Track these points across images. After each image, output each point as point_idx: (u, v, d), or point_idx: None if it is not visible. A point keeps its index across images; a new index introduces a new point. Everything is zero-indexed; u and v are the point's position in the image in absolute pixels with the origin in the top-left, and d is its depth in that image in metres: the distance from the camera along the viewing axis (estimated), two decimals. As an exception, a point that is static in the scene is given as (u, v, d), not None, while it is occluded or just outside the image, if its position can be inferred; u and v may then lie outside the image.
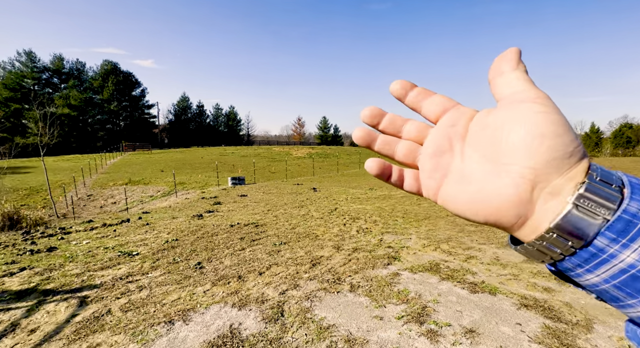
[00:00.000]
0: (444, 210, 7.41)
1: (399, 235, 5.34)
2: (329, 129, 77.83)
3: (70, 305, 2.90)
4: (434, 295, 3.07)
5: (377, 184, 14.60)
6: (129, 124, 56.09)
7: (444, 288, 3.24)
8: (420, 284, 3.35)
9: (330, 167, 29.11)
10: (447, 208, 0.28)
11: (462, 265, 3.89)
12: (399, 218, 6.75)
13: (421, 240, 4.99)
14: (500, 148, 0.25)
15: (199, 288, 3.30)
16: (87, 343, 2.31)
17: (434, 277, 3.54)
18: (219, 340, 2.36)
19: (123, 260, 4.19)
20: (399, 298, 3.02)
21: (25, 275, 3.64)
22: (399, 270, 3.76)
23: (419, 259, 4.14)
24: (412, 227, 5.93)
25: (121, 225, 6.75)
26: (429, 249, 4.55)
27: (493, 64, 0.28)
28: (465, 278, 3.47)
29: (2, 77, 46.51)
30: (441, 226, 5.90)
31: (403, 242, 4.95)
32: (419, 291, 3.18)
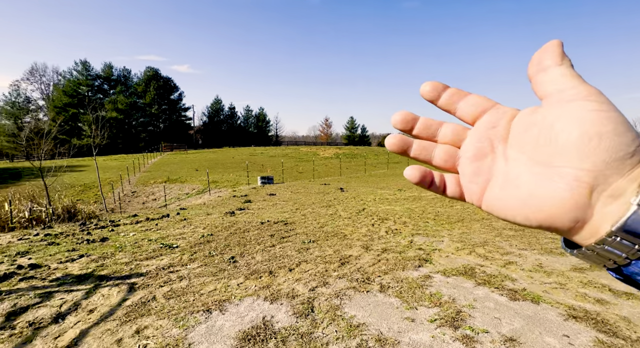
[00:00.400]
0: (478, 212, 7.04)
1: (430, 237, 5.17)
2: (356, 129, 77.18)
3: (121, 290, 3.19)
4: (469, 300, 2.94)
5: (407, 185, 14.22)
6: (168, 125, 59.95)
7: (480, 293, 3.09)
8: (454, 288, 3.22)
9: (357, 168, 28.88)
10: (492, 214, 0.27)
11: (499, 270, 3.68)
12: (430, 220, 6.53)
13: (454, 243, 4.79)
14: (550, 149, 0.23)
15: (233, 281, 3.46)
16: (137, 325, 2.53)
17: (469, 281, 3.39)
18: (253, 330, 2.46)
19: (164, 252, 4.51)
20: (431, 301, 2.93)
21: (83, 262, 4.06)
22: (431, 272, 3.65)
23: (452, 263, 3.98)
24: (444, 229, 5.71)
25: (162, 220, 7.25)
26: (462, 253, 4.36)
27: (533, 59, 0.26)
28: (504, 284, 3.28)
29: (62, 85, 52.03)
30: (476, 229, 5.62)
31: (435, 244, 4.79)
32: (452, 295, 3.06)
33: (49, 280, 3.42)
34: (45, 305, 2.87)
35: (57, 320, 2.61)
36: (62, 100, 49.98)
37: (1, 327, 2.49)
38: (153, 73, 58.63)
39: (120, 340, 2.34)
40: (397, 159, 36.38)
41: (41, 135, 16.87)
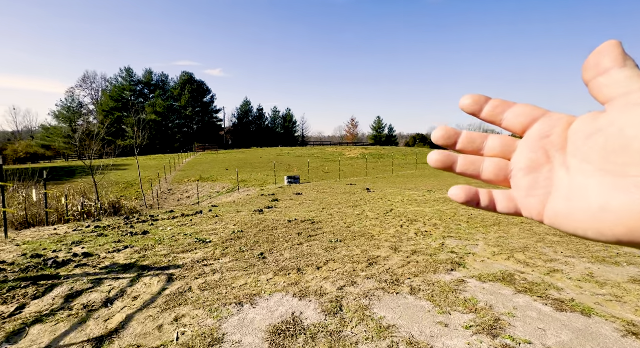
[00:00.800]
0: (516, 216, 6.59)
1: (463, 241, 4.93)
2: (383, 129, 75.77)
3: (160, 280, 3.41)
4: (509, 308, 2.76)
5: (437, 186, 13.71)
6: (200, 127, 63.06)
7: (521, 302, 2.89)
8: (491, 295, 3.04)
9: (384, 168, 28.34)
10: (558, 228, 0.25)
11: (543, 278, 3.41)
12: (463, 222, 6.23)
13: (490, 248, 4.53)
14: (623, 158, 0.21)
15: (262, 276, 3.55)
16: (175, 314, 2.69)
17: (508, 288, 3.18)
18: (283, 325, 2.50)
19: (199, 246, 4.74)
20: (466, 307, 2.80)
21: (128, 253, 4.39)
22: (465, 277, 3.48)
23: (489, 268, 3.76)
24: (479, 232, 5.42)
25: (196, 216, 7.63)
26: (500, 258, 4.10)
27: (589, 61, 0.24)
28: (549, 293, 3.04)
29: (109, 91, 56.76)
30: (515, 233, 5.26)
31: (469, 248, 4.56)
32: (489, 302, 2.89)
33: (99, 268, 3.74)
34: (97, 290, 3.15)
35: (107, 305, 2.85)
36: (109, 105, 54.53)
37: (61, 308, 2.77)
38: (188, 77, 62.00)
39: (161, 326, 2.50)
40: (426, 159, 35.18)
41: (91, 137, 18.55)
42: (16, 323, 2.51)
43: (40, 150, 48.25)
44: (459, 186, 0.30)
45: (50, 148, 49.71)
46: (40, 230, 6.45)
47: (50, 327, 2.47)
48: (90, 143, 17.75)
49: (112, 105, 54.51)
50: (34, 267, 3.66)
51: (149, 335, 2.38)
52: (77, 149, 18.71)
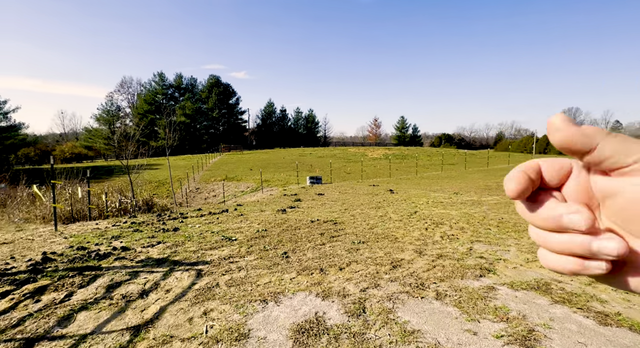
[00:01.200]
0: (554, 221, 6.17)
1: (493, 246, 4.71)
2: (407, 129, 74.03)
3: (190, 275, 3.58)
4: (544, 319, 2.60)
5: (464, 188, 13.17)
6: (226, 128, 65.24)
7: (558, 313, 2.71)
8: (524, 304, 2.88)
9: (408, 169, 27.69)
10: None
11: (584, 289, 3.17)
12: (493, 227, 5.94)
13: (523, 254, 4.28)
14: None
15: (286, 275, 3.61)
16: (204, 307, 2.82)
17: (543, 298, 2.99)
18: (306, 324, 2.54)
19: (225, 244, 4.92)
20: (496, 315, 2.67)
21: (160, 248, 4.66)
22: (495, 284, 3.32)
23: (521, 275, 3.56)
24: (511, 238, 5.14)
25: (222, 215, 7.92)
26: (534, 265, 3.87)
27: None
28: (590, 305, 2.82)
29: (144, 95, 60.36)
30: (551, 240, 4.93)
31: (499, 253, 4.34)
32: (522, 311, 2.74)
33: (136, 261, 4.00)
34: (133, 282, 3.37)
35: (143, 296, 3.04)
36: (143, 108, 57.98)
37: (103, 297, 3.00)
38: (215, 80, 64.40)
39: (191, 319, 2.63)
40: (452, 160, 33.90)
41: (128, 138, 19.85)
42: (65, 309, 2.75)
43: (84, 151, 52.35)
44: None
45: (92, 148, 53.81)
46: (84, 224, 7.00)
47: (94, 314, 2.69)
48: (126, 144, 19.00)
49: (146, 108, 57.92)
50: (80, 259, 3.99)
51: (180, 326, 2.52)
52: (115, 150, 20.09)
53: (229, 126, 65.75)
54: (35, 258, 4.01)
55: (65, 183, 13.72)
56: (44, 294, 3.03)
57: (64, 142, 62.45)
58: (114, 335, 2.37)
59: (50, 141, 68.27)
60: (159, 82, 61.53)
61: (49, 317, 2.61)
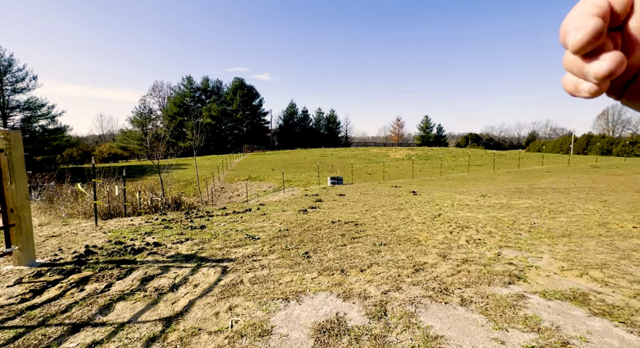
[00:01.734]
0: (594, 227, 5.75)
1: (523, 252, 4.47)
2: (431, 129, 71.89)
3: (216, 271, 3.74)
4: (581, 332, 2.44)
5: (491, 191, 12.58)
6: (249, 129, 66.93)
7: (597, 326, 2.53)
8: (558, 314, 2.72)
9: (432, 170, 26.90)
10: None
11: (627, 302, 2.94)
12: (524, 232, 5.63)
13: (558, 262, 4.03)
14: None
15: (307, 275, 3.67)
16: (229, 303, 2.93)
17: (580, 309, 2.81)
18: (327, 324, 2.57)
19: (248, 242, 5.07)
20: (526, 325, 2.55)
21: (189, 244, 4.90)
22: (526, 292, 3.16)
23: (555, 284, 3.36)
24: (544, 244, 4.86)
25: (245, 214, 8.16)
26: (570, 274, 3.63)
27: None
28: (635, 320, 2.61)
29: (173, 98, 63.45)
30: (590, 247, 4.60)
31: (530, 260, 4.12)
32: (555, 322, 2.59)
33: (166, 257, 4.24)
34: (165, 276, 3.58)
35: (173, 290, 3.23)
36: (173, 110, 60.95)
37: (138, 289, 3.21)
38: (239, 83, 66.32)
39: (217, 314, 2.75)
40: (480, 161, 32.44)
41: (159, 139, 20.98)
42: (105, 298, 2.99)
43: (119, 151, 56.01)
44: None
45: (127, 149, 57.44)
46: (120, 220, 7.51)
47: (131, 304, 2.89)
48: (157, 145, 20.10)
49: (175, 110, 60.86)
50: (117, 252, 4.30)
51: (207, 320, 2.65)
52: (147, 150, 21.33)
53: (252, 127, 67.40)
54: (79, 251, 4.38)
55: (104, 181, 14.77)
56: (87, 284, 3.30)
57: (102, 143, 67.18)
58: (148, 325, 2.54)
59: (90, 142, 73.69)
60: (187, 85, 64.42)
61: (92, 305, 2.84)
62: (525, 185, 14.46)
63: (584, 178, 15.87)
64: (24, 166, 3.75)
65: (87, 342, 2.32)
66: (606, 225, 5.89)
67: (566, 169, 23.25)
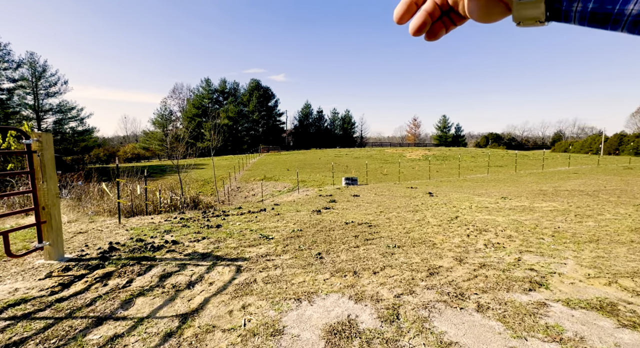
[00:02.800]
0: (625, 233, 5.41)
1: (546, 257, 4.28)
2: (449, 129, 70.07)
3: (231, 270, 3.82)
4: (608, 344, 2.31)
5: (513, 193, 12.10)
6: (265, 130, 67.85)
7: (627, 338, 2.38)
8: (583, 324, 2.58)
9: (449, 171, 26.21)
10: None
11: (660, 313, 2.74)
12: (547, 236, 5.38)
13: (584, 269, 3.83)
14: None
15: (319, 276, 3.68)
16: (243, 302, 2.99)
17: (608, 319, 2.65)
18: (339, 326, 2.57)
19: (262, 242, 5.14)
20: (547, 334, 2.44)
21: (205, 243, 5.04)
22: (547, 299, 3.02)
23: (580, 292, 3.19)
24: (569, 249, 4.62)
25: (260, 213, 8.28)
26: (597, 282, 3.44)
27: None
28: (667, 333, 2.43)
29: (192, 99, 65.38)
30: (620, 254, 4.33)
31: (553, 266, 3.93)
32: (580, 332, 2.46)
33: (184, 255, 4.38)
34: (182, 273, 3.70)
35: (189, 287, 3.33)
36: (192, 112, 62.80)
37: (157, 285, 3.34)
38: (255, 84, 67.40)
39: (231, 312, 2.81)
40: (501, 162, 31.27)
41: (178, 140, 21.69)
42: (126, 293, 3.13)
43: (142, 151, 58.35)
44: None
45: (149, 149, 59.74)
46: (142, 218, 7.82)
47: (150, 300, 3.01)
48: (177, 145, 20.77)
49: (194, 112, 62.68)
50: (138, 249, 4.48)
51: (221, 318, 2.71)
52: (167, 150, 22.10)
53: (268, 128, 68.29)
54: (104, 247, 4.60)
55: (127, 180, 15.43)
56: (110, 279, 3.47)
57: (126, 143, 70.24)
58: (166, 321, 2.63)
59: (115, 143, 77.22)
60: (205, 87, 66.19)
61: (114, 299, 2.98)
62: (549, 187, 13.81)
63: (615, 181, 14.94)
64: (54, 166, 3.99)
65: (109, 335, 2.44)
66: (639, 231, 5.52)
67: (595, 170, 21.99)
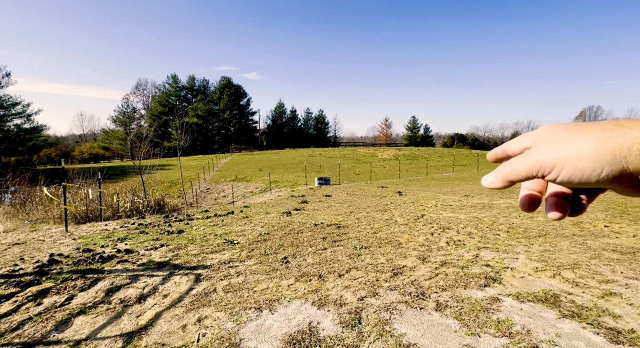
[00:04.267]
0: (568, 227, 5.90)
1: (501, 253, 4.53)
2: (419, 129, 72.97)
3: (189, 280, 3.59)
4: (550, 335, 2.46)
5: (475, 190, 12.82)
6: (237, 129, 66.03)
7: (566, 328, 2.56)
8: (530, 317, 2.74)
9: (418, 170, 27.25)
10: None
11: (595, 302, 2.99)
12: (502, 232, 5.72)
13: (533, 262, 4.09)
14: None
15: (284, 281, 3.57)
16: (199, 314, 2.81)
17: (551, 311, 2.84)
18: (299, 334, 2.49)
19: (226, 247, 4.93)
20: (498, 329, 2.54)
21: (163, 251, 4.71)
22: (500, 294, 3.18)
23: (529, 285, 3.40)
24: (520, 244, 4.94)
25: (227, 217, 7.97)
26: (544, 275, 3.69)
27: None
28: (602, 321, 2.65)
29: (158, 96, 61.87)
30: (563, 247, 4.70)
31: (507, 261, 4.17)
32: (527, 325, 2.60)
33: (137, 265, 4.05)
34: (133, 286, 3.41)
35: (140, 301, 3.07)
36: (157, 109, 59.42)
37: (102, 301, 3.04)
38: (226, 82, 65.29)
39: (185, 326, 2.62)
40: (465, 161, 33.14)
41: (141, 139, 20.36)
42: (64, 312, 2.80)
43: (101, 151, 54.16)
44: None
45: (109, 149, 55.60)
46: (95, 225, 7.20)
47: (91, 319, 2.72)
48: (140, 144, 19.49)
49: (160, 109, 59.33)
50: (84, 261, 4.08)
51: (173, 334, 2.52)
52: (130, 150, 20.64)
53: (240, 127, 66.53)
54: (43, 260, 4.13)
55: (82, 183, 14.18)
56: (46, 297, 3.10)
57: (83, 142, 64.82)
58: (107, 342, 2.39)
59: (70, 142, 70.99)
60: (172, 84, 62.92)
61: (48, 321, 2.66)
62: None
63: (562, 178, 16.40)
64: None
65: (38, 362, 2.16)
66: (580, 225, 6.06)
67: (546, 168, 24.00)
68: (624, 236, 5.23)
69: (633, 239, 5.03)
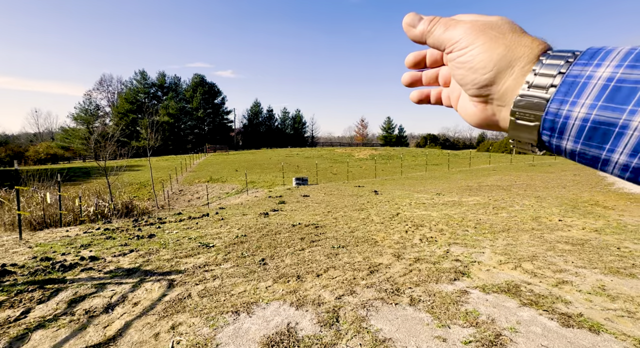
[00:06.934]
0: (528, 222, 6.38)
1: (469, 248, 4.80)
2: (393, 130, 75.05)
3: (161, 286, 3.45)
4: (512, 323, 2.66)
5: (446, 189, 13.44)
6: (212, 128, 64.02)
7: (525, 316, 2.78)
8: (494, 307, 2.94)
9: (393, 170, 28.04)
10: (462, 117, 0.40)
11: (550, 290, 3.27)
12: (470, 228, 6.07)
13: (497, 256, 4.39)
14: None
15: (262, 283, 3.55)
16: (172, 321, 2.71)
17: (512, 300, 3.07)
18: (277, 336, 2.49)
19: (202, 251, 4.79)
20: (466, 320, 2.71)
21: (132, 256, 4.48)
22: (468, 287, 3.38)
23: (493, 278, 3.64)
24: (486, 239, 5.27)
25: (202, 219, 7.73)
26: (506, 267, 3.97)
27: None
28: (555, 307, 2.91)
29: (124, 93, 58.39)
30: (524, 241, 5.09)
31: (474, 256, 4.43)
32: (491, 315, 2.80)
33: (104, 272, 3.82)
34: (99, 295, 3.22)
35: (108, 310, 2.91)
36: (124, 107, 56.07)
37: (64, 313, 2.84)
38: (199, 79, 63.06)
39: (158, 335, 2.53)
40: (437, 161, 34.58)
41: (107, 138, 19.12)
42: (20, 328, 2.59)
43: (60, 151, 50.09)
44: (416, 90, 0.47)
45: (69, 149, 51.56)
46: (54, 231, 6.67)
47: (52, 333, 2.54)
48: (105, 144, 18.29)
49: (127, 107, 56.03)
50: (42, 271, 3.77)
51: (144, 343, 2.41)
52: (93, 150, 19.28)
53: (215, 126, 64.58)
54: (-7, 272, 3.77)
55: (38, 186, 13.06)
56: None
57: (38, 142, 59.57)
58: (71, 356, 2.24)
59: (23, 141, 65.01)
60: (140, 81, 59.70)
61: (0, 338, 2.44)
62: (474, 183, 15.69)
63: (523, 176, 17.66)
64: None
65: (-10, 383, 1.98)
66: (538, 219, 6.58)
67: (509, 167, 25.71)
68: (574, 229, 5.75)
69: (582, 231, 5.56)
